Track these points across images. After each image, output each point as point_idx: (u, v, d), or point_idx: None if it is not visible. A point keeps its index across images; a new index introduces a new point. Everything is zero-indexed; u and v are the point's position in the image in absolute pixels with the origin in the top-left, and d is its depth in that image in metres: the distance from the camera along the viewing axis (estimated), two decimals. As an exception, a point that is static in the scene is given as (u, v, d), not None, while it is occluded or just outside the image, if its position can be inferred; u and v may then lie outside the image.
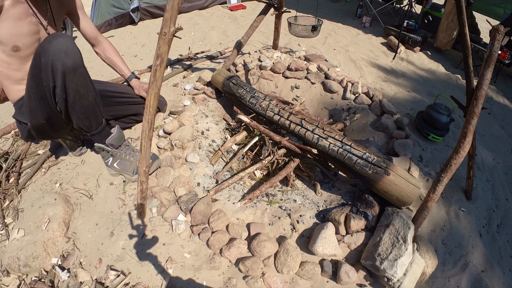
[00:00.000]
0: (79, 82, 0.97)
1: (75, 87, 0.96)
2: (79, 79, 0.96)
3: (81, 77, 0.97)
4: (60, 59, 0.89)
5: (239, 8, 3.86)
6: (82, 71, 0.97)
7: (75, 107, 1.01)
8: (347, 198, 1.23)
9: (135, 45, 2.79)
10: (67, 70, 0.91)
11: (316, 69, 2.00)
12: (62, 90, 0.95)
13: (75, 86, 0.96)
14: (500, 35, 0.98)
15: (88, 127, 1.11)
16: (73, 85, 0.95)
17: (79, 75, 0.96)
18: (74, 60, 0.93)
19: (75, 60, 0.93)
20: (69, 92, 0.96)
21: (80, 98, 1.00)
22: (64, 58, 0.90)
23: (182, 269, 0.98)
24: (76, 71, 0.94)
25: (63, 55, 0.90)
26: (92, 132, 1.13)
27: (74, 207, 1.16)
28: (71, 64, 0.92)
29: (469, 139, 0.97)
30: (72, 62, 0.92)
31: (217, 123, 1.67)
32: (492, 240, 1.20)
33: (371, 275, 0.98)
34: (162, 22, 0.79)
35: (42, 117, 1.03)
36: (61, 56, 0.89)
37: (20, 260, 0.97)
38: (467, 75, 1.17)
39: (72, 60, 0.92)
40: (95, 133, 1.15)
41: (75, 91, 0.97)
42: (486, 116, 2.05)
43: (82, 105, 1.02)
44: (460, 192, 1.35)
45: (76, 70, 0.94)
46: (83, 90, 1.00)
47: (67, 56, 0.90)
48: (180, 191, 1.16)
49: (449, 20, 2.70)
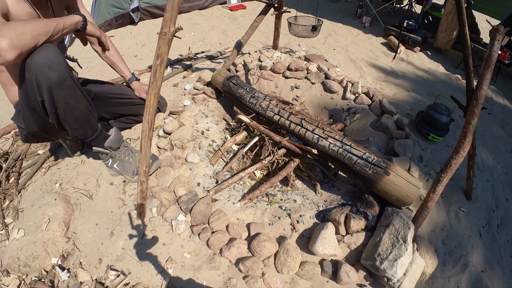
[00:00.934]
0: (67, 95, 0.92)
1: (63, 100, 0.92)
2: (67, 92, 0.92)
3: (69, 89, 0.93)
4: (44, 73, 0.84)
5: (239, 8, 3.86)
6: (69, 83, 0.92)
7: (67, 119, 0.98)
8: (347, 198, 1.23)
9: (135, 45, 2.79)
10: (53, 85, 0.87)
11: (316, 69, 2.00)
12: (51, 104, 0.91)
13: (64, 99, 0.92)
14: (500, 35, 0.98)
15: (84, 135, 1.09)
16: (61, 98, 0.91)
17: (67, 87, 0.91)
18: (59, 73, 0.88)
19: (60, 73, 0.88)
20: (58, 106, 0.93)
21: (71, 110, 0.96)
22: (48, 73, 0.85)
23: (182, 269, 0.98)
24: (62, 84, 0.89)
25: (47, 70, 0.85)
26: (89, 139, 1.13)
27: (74, 207, 1.16)
28: (56, 78, 0.87)
29: (469, 139, 0.97)
30: (57, 75, 0.87)
31: (217, 123, 1.67)
32: (492, 240, 1.20)
33: (371, 275, 0.97)
34: (162, 22, 0.79)
35: (35, 126, 1.02)
36: (44, 71, 0.84)
37: (20, 260, 0.97)
38: (467, 75, 1.17)
39: (57, 74, 0.87)
40: (91, 139, 1.14)
41: (65, 104, 0.93)
42: (486, 116, 2.04)
43: (74, 116, 0.99)
44: (460, 192, 1.35)
45: (62, 83, 0.89)
46: (73, 101, 0.95)
47: (51, 69, 0.85)
48: (180, 191, 1.16)
49: (449, 20, 2.70)
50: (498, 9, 2.98)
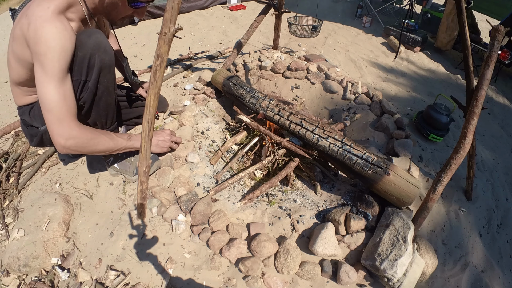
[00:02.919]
0: (110, 79, 0.99)
1: (106, 83, 0.98)
2: (111, 77, 0.99)
3: (113, 75, 1.01)
4: (99, 54, 0.90)
5: (239, 8, 3.86)
6: (114, 70, 1.00)
7: (100, 103, 1.02)
8: (347, 198, 1.23)
9: (135, 45, 2.79)
10: (104, 66, 0.93)
11: (316, 69, 2.00)
12: (95, 85, 0.95)
13: (106, 83, 0.98)
14: (500, 35, 0.98)
15: (103, 124, 1.11)
16: (105, 81, 0.97)
17: (112, 72, 0.99)
18: (111, 57, 0.95)
19: (111, 57, 0.95)
20: (99, 88, 0.97)
21: (108, 94, 1.02)
22: (103, 54, 0.91)
23: (182, 269, 0.97)
24: (110, 68, 0.97)
25: (102, 51, 0.91)
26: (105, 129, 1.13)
27: (74, 207, 1.16)
28: (108, 61, 0.94)
29: (469, 139, 0.97)
30: (109, 58, 0.94)
31: (217, 123, 1.67)
32: (492, 240, 1.20)
33: (371, 275, 0.97)
34: (162, 22, 0.78)
35: None
36: (100, 51, 0.90)
37: (20, 260, 0.97)
38: (467, 75, 1.17)
39: (109, 57, 0.94)
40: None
41: (105, 87, 0.99)
42: (486, 116, 2.04)
43: (107, 101, 1.03)
44: (460, 192, 1.35)
45: (110, 67, 0.97)
46: (111, 87, 1.02)
47: (106, 52, 0.92)
48: (180, 191, 1.16)
49: (449, 20, 2.70)
50: (498, 9, 2.98)
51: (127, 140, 1.07)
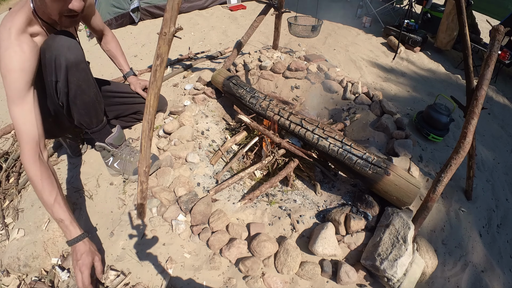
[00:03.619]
0: (80, 77, 0.99)
1: (77, 81, 0.98)
2: (81, 74, 0.99)
3: (83, 72, 1.00)
4: (63, 53, 0.91)
5: (239, 8, 3.85)
6: (84, 67, 0.99)
7: (76, 102, 1.02)
8: (347, 198, 1.23)
9: (135, 45, 2.79)
10: (70, 65, 0.94)
11: (316, 69, 2.00)
12: (64, 84, 0.96)
13: (77, 81, 0.98)
14: (500, 35, 0.98)
15: (89, 124, 1.11)
16: (75, 80, 0.98)
17: (81, 70, 0.98)
18: (76, 55, 0.95)
19: (77, 55, 0.95)
20: (71, 87, 0.98)
21: (82, 93, 1.02)
22: (67, 53, 0.92)
23: (182, 269, 0.97)
24: (78, 66, 0.96)
25: (66, 50, 0.92)
26: (93, 129, 1.14)
27: (74, 207, 1.16)
28: (74, 59, 0.94)
29: (469, 139, 0.97)
30: (75, 57, 0.94)
31: (217, 123, 1.67)
32: (492, 240, 1.20)
33: (371, 275, 0.97)
34: (162, 22, 0.79)
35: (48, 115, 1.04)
36: (64, 51, 0.91)
37: (20, 260, 0.97)
38: (467, 75, 1.17)
39: (74, 55, 0.94)
40: (95, 131, 1.15)
41: (77, 86, 0.99)
42: (486, 116, 2.04)
43: (83, 100, 1.03)
44: (460, 192, 1.35)
45: (78, 65, 0.96)
46: (85, 85, 1.02)
47: (70, 51, 0.93)
48: (180, 191, 1.16)
49: (449, 20, 2.70)
50: (498, 10, 2.98)
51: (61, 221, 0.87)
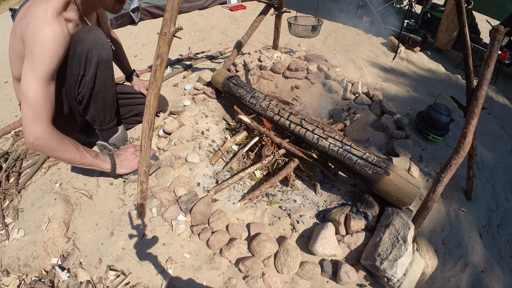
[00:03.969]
0: (107, 74, 1.01)
1: (103, 78, 1.00)
2: (108, 72, 1.02)
3: (110, 70, 1.03)
4: (97, 49, 0.93)
5: (239, 8, 3.85)
6: (111, 65, 1.03)
7: (98, 98, 1.04)
8: (347, 198, 1.23)
9: (135, 45, 2.79)
10: (102, 61, 0.96)
11: (316, 69, 2.00)
12: (92, 79, 0.97)
13: (104, 78, 1.00)
14: (500, 35, 0.98)
15: (102, 121, 1.12)
16: (102, 76, 0.99)
17: (110, 67, 1.01)
18: (108, 52, 0.97)
19: (109, 53, 0.98)
20: (97, 82, 0.99)
21: (105, 89, 1.03)
22: (100, 49, 0.94)
23: (182, 269, 0.97)
24: (108, 63, 0.99)
25: (100, 46, 0.93)
26: (103, 127, 1.15)
27: (74, 207, 1.16)
28: (106, 56, 0.97)
29: (469, 139, 0.97)
30: (107, 54, 0.97)
31: (217, 123, 1.67)
32: (492, 240, 1.20)
33: (371, 275, 0.97)
34: (162, 22, 0.79)
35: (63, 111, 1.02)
36: (97, 47, 0.93)
37: (20, 260, 0.97)
38: (467, 75, 1.17)
39: (107, 52, 0.96)
40: (105, 128, 1.16)
41: (103, 82, 1.01)
42: (486, 116, 2.04)
43: (104, 97, 1.05)
44: (460, 192, 1.34)
45: (108, 63, 0.99)
46: (109, 83, 1.04)
47: (103, 47, 0.95)
48: (180, 191, 1.16)
49: (449, 20, 2.70)
50: (497, 10, 2.97)
51: (93, 157, 1.01)
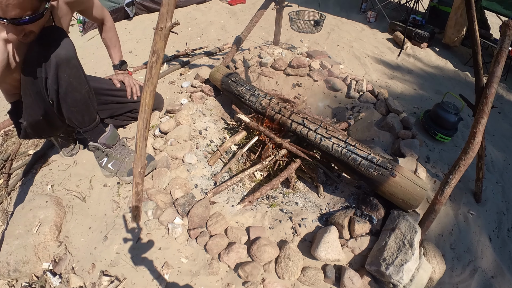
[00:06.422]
0: (71, 74, 0.97)
1: (67, 78, 0.96)
2: (71, 71, 0.97)
3: (74, 68, 0.97)
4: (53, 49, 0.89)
5: (238, 2, 3.80)
6: (75, 63, 0.97)
7: (67, 100, 1.00)
8: (351, 201, 1.21)
9: (130, 41, 2.75)
10: (60, 61, 0.92)
11: (318, 66, 1.97)
12: (54, 81, 0.94)
13: (68, 78, 0.96)
14: (511, 31, 0.95)
15: (81, 122, 1.09)
16: (65, 76, 0.95)
17: (72, 66, 0.96)
18: (67, 50, 0.93)
19: (68, 51, 0.93)
20: (61, 84, 0.96)
21: (72, 90, 0.99)
22: (58, 49, 0.90)
23: (179, 275, 0.96)
24: (69, 62, 0.94)
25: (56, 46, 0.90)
26: (85, 128, 1.12)
27: (66, 210, 1.14)
28: (64, 55, 0.92)
29: (479, 139, 0.95)
30: (65, 52, 0.92)
31: (216, 122, 1.65)
32: (503, 245, 1.17)
33: (376, 281, 0.95)
34: (158, 17, 0.77)
35: (39, 113, 1.02)
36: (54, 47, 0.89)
37: (10, 265, 0.95)
38: (476, 72, 1.14)
39: (65, 51, 0.92)
40: (88, 130, 1.13)
41: (68, 83, 0.97)
42: (496, 115, 2.01)
43: (74, 98, 1.01)
44: (469, 194, 1.32)
45: (69, 61, 0.94)
46: (76, 82, 0.99)
47: (61, 46, 0.91)
48: (177, 193, 1.14)
49: (457, 15, 2.63)
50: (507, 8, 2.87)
51: None
